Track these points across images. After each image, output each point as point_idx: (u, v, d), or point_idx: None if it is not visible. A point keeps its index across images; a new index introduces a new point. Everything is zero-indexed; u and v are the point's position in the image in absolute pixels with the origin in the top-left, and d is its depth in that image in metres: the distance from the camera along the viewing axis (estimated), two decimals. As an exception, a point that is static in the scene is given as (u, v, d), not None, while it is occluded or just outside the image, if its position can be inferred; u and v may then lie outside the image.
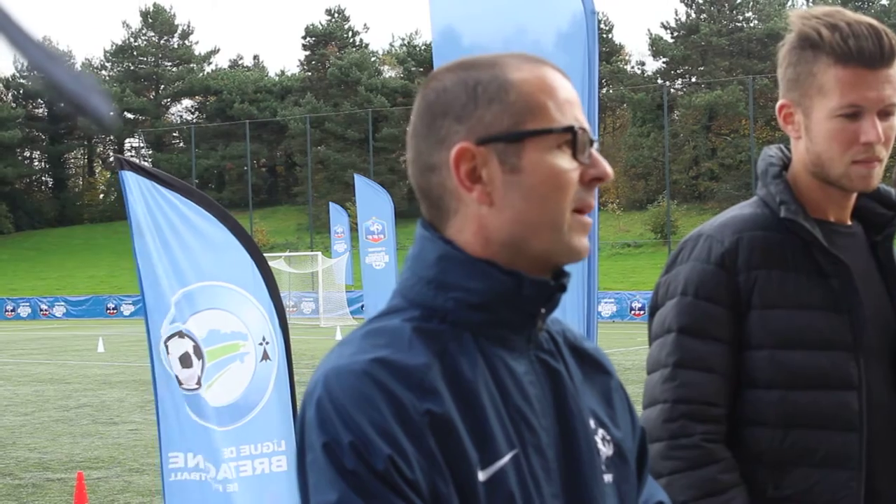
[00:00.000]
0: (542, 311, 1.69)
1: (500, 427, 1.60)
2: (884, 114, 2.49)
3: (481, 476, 1.56)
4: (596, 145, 1.69)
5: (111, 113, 1.07)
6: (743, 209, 2.68)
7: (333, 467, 1.51)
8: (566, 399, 1.71)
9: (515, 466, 1.60)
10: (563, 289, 1.70)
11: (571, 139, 1.63)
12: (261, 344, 5.15)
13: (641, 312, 41.95)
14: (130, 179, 5.24)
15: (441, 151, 1.65)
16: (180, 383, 5.12)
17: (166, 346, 5.14)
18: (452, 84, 1.66)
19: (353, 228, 45.55)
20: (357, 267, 38.98)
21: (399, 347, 1.59)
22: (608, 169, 1.68)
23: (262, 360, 5.15)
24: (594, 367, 1.83)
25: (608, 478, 1.74)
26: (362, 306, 37.54)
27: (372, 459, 1.49)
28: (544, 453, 1.65)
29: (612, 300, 44.39)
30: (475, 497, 1.55)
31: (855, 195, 2.64)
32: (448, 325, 1.63)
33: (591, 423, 1.74)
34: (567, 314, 4.29)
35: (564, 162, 1.63)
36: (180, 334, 5.14)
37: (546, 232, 1.63)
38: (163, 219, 5.20)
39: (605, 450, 1.75)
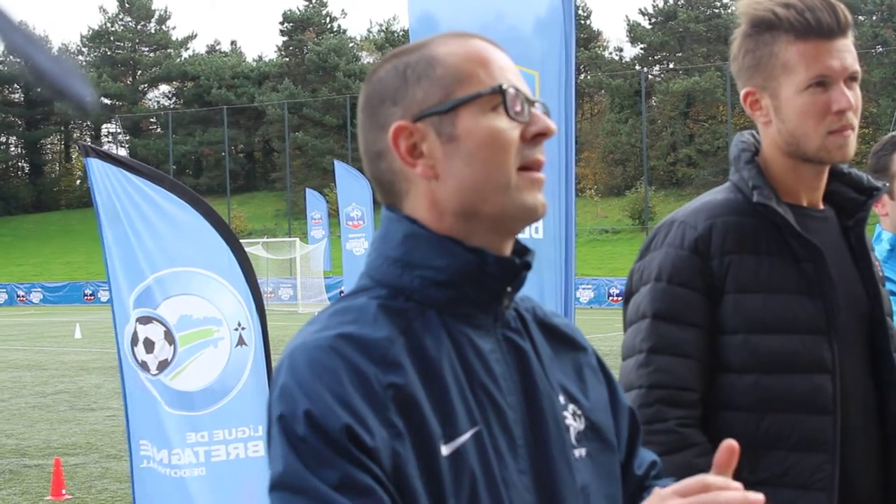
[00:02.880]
0: (508, 289, 1.71)
1: (463, 404, 1.61)
2: (849, 81, 2.53)
3: (444, 450, 1.57)
4: (539, 106, 1.71)
5: (91, 96, 1.07)
6: (716, 195, 2.69)
7: (284, 437, 1.53)
8: (532, 377, 1.72)
9: (477, 443, 1.61)
10: (527, 267, 1.72)
11: (502, 99, 1.66)
12: (236, 329, 5.14)
13: (619, 298, 41.94)
14: (96, 166, 5.21)
15: (383, 136, 1.70)
16: (147, 369, 5.11)
17: (134, 334, 5.13)
18: (386, 73, 1.72)
19: (331, 214, 45.54)
20: (336, 253, 38.97)
21: (364, 323, 1.61)
22: (549, 123, 1.69)
23: (237, 345, 5.13)
24: (564, 342, 1.85)
25: (581, 452, 1.75)
26: (341, 292, 37.50)
27: (327, 426, 1.50)
28: (510, 430, 1.66)
29: (590, 286, 44.53)
30: (438, 471, 1.56)
31: (826, 176, 2.66)
32: (414, 303, 1.66)
33: (561, 398, 1.76)
34: (545, 300, 4.30)
35: (500, 122, 1.65)
36: (151, 320, 5.12)
37: (493, 194, 1.65)
38: (131, 205, 5.17)
39: (577, 424, 1.76)
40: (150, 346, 5.11)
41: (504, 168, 1.65)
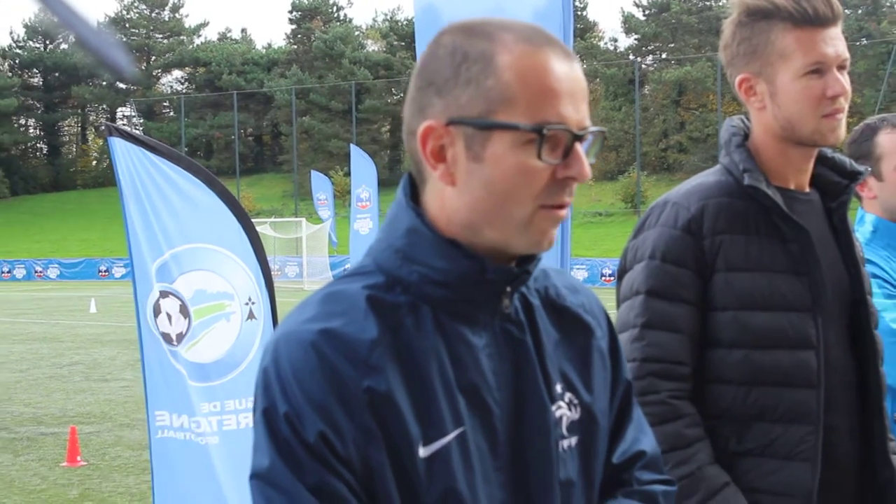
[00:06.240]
0: (508, 289, 1.67)
1: (449, 404, 1.59)
2: (840, 68, 2.60)
3: (422, 452, 1.56)
4: (591, 136, 1.61)
5: (130, 66, 1.17)
6: (707, 177, 2.73)
7: (269, 433, 1.55)
8: (525, 372, 1.68)
9: (460, 443, 1.59)
10: (528, 273, 1.68)
11: (538, 141, 1.56)
12: (247, 304, 5.18)
13: (612, 278, 41.89)
14: (119, 146, 5.26)
15: (420, 121, 1.62)
16: (168, 341, 5.19)
17: (156, 306, 5.21)
18: (445, 52, 1.61)
19: (336, 196, 45.45)
20: (342, 233, 38.98)
21: (352, 318, 1.58)
22: (585, 170, 1.59)
23: (247, 319, 5.17)
24: (574, 325, 1.79)
25: (570, 442, 1.73)
26: (345, 269, 37.50)
27: (304, 432, 1.52)
28: (493, 428, 1.64)
29: (584, 266, 44.58)
30: (415, 472, 1.56)
31: (813, 160, 2.72)
32: (409, 297, 1.62)
33: (558, 387, 1.72)
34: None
35: (531, 160, 1.56)
36: (167, 294, 5.19)
37: (502, 224, 1.59)
38: (151, 183, 5.21)
39: (571, 414, 1.73)
40: (171, 318, 5.19)
41: (520, 204, 1.58)
